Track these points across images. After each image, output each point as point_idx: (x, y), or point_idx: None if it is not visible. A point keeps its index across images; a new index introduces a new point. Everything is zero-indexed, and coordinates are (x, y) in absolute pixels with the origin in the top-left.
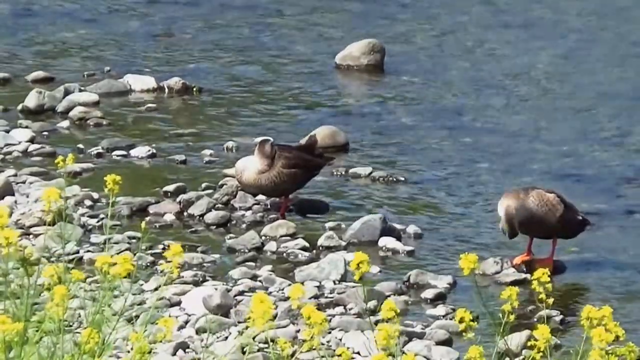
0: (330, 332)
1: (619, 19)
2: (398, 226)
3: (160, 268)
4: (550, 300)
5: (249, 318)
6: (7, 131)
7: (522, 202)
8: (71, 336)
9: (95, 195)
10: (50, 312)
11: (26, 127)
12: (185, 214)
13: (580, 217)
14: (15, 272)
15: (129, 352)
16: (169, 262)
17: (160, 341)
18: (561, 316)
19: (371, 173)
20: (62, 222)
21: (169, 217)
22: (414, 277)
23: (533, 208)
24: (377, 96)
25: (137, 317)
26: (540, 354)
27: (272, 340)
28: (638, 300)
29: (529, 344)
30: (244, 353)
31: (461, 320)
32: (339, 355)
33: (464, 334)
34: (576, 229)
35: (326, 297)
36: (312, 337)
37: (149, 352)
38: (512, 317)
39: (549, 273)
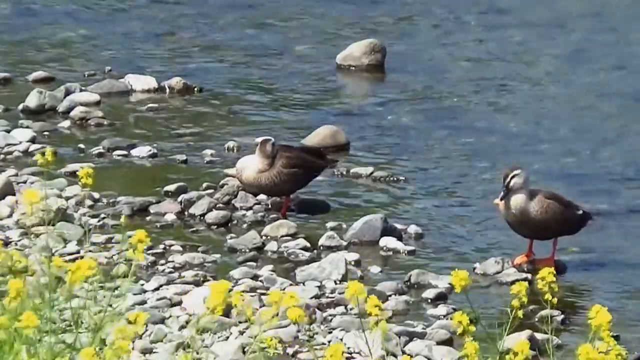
0: (331, 332)
1: (619, 19)
2: (399, 226)
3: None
4: (553, 300)
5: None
6: (8, 131)
7: (525, 199)
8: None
9: (96, 195)
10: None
11: (27, 127)
12: (186, 213)
13: (581, 212)
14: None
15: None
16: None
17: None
18: (562, 316)
19: (372, 173)
20: (53, 222)
21: (170, 217)
22: (415, 277)
23: (532, 212)
24: (378, 96)
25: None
26: None
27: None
28: (638, 300)
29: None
30: (244, 353)
31: (459, 323)
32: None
33: (461, 337)
34: (578, 226)
35: (327, 297)
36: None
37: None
38: (520, 312)
39: (554, 272)
